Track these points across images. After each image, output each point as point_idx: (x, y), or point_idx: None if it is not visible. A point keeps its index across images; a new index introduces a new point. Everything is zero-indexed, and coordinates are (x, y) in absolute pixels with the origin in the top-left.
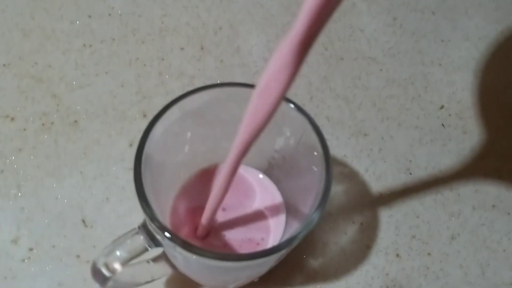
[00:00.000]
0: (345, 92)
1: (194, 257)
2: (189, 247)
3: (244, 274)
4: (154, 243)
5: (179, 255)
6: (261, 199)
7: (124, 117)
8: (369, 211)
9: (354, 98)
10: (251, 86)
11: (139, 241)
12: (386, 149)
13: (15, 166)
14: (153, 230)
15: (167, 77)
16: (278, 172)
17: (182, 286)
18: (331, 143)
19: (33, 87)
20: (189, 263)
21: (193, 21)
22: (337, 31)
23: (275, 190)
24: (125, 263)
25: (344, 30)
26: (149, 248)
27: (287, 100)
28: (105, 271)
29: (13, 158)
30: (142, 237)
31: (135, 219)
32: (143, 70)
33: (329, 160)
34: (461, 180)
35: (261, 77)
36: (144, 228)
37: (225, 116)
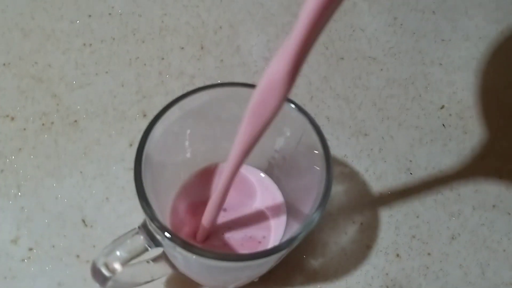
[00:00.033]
0: (345, 92)
1: (194, 257)
2: (189, 247)
3: (244, 274)
4: (154, 243)
5: (179, 255)
6: (262, 198)
7: (124, 117)
8: (369, 211)
9: (354, 98)
10: (252, 86)
11: (139, 241)
12: (386, 149)
13: (15, 166)
14: (153, 230)
15: (167, 76)
16: (278, 172)
17: (182, 286)
18: (331, 143)
19: (33, 87)
20: (189, 263)
21: (193, 21)
22: (337, 31)
23: (276, 189)
24: (125, 263)
25: (345, 29)
26: (149, 248)
27: (287, 100)
28: (105, 271)
29: (13, 157)
30: (142, 237)
31: (135, 219)
32: (143, 70)
33: (329, 160)
34: (461, 180)
35: (256, 91)
36: (144, 228)
37: (225, 116)
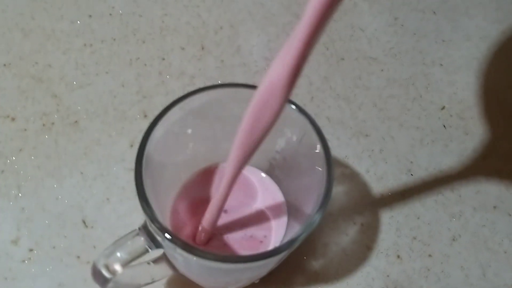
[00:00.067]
0: (346, 92)
1: (195, 259)
2: (189, 248)
3: (245, 275)
4: (155, 244)
5: (179, 256)
6: (263, 199)
7: (124, 117)
8: (370, 212)
9: (355, 98)
10: (252, 87)
11: (140, 242)
12: (387, 150)
13: (15, 166)
14: (153, 231)
15: (168, 77)
16: (279, 173)
17: (182, 287)
18: (332, 143)
19: (33, 87)
20: (189, 264)
21: (194, 21)
22: (338, 31)
23: (277, 190)
24: (125, 264)
25: (345, 29)
26: (149, 250)
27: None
28: (105, 273)
29: (14, 158)
30: (142, 238)
31: (135, 219)
32: (143, 70)
33: (330, 161)
34: (462, 181)
35: (257, 95)
36: (144, 229)
37: (226, 117)
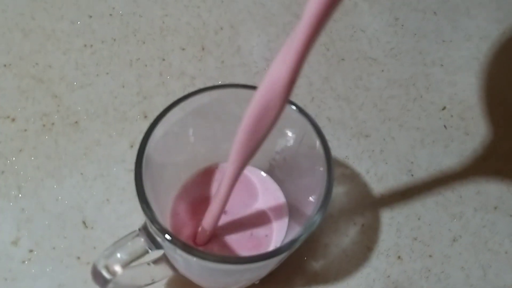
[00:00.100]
0: (346, 92)
1: (195, 260)
2: (189, 249)
3: (245, 276)
4: (155, 245)
5: (179, 257)
6: (264, 199)
7: (125, 118)
8: (370, 213)
9: (355, 98)
10: (252, 87)
11: (140, 243)
12: (387, 150)
13: (15, 167)
14: (153, 232)
15: (168, 77)
16: (279, 173)
17: None
18: (332, 144)
19: (33, 87)
20: (189, 265)
21: (194, 21)
22: (338, 31)
23: (277, 190)
24: (125, 265)
25: (346, 30)
26: (149, 251)
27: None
28: (105, 273)
29: (14, 158)
30: (142, 239)
31: (135, 220)
32: (144, 71)
33: (330, 162)
34: (463, 181)
35: (256, 96)
36: (144, 230)
37: (226, 117)
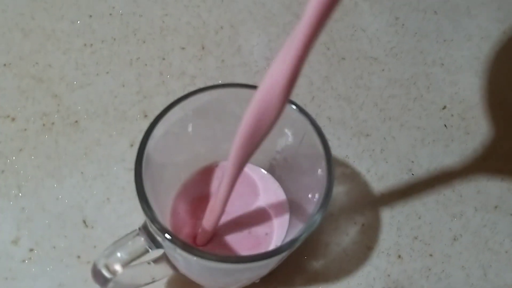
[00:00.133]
0: (346, 92)
1: (195, 259)
2: (189, 249)
3: (245, 276)
4: (155, 244)
5: (179, 256)
6: (265, 197)
7: (125, 117)
8: (370, 212)
9: (356, 98)
10: (253, 87)
11: (140, 242)
12: (388, 150)
13: (15, 166)
14: (153, 231)
15: (168, 77)
16: (280, 173)
17: (183, 287)
18: (332, 143)
19: (33, 87)
20: (190, 264)
21: (194, 21)
22: (339, 31)
23: (278, 188)
24: (125, 264)
25: (346, 29)
26: (149, 250)
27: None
28: (105, 273)
29: (14, 158)
30: (142, 238)
31: (135, 219)
32: (144, 70)
33: (331, 161)
34: (463, 181)
35: (256, 96)
36: (144, 230)
37: (227, 117)
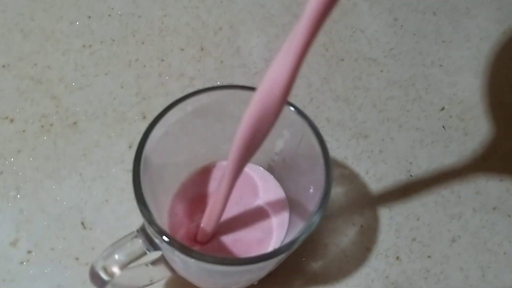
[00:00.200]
0: (345, 93)
1: (193, 261)
2: (187, 251)
3: (244, 277)
4: (153, 246)
5: (177, 258)
6: (264, 198)
7: (123, 119)
8: (369, 213)
9: (354, 99)
10: (251, 89)
11: (138, 244)
12: (386, 151)
13: (14, 168)
14: (151, 233)
15: (167, 78)
16: (279, 174)
17: None
18: (331, 145)
19: (32, 88)
20: (188, 266)
21: (193, 22)
22: (337, 32)
23: (278, 188)
24: (123, 266)
25: (345, 30)
26: (147, 252)
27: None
28: (103, 275)
29: (12, 159)
30: (140, 240)
31: (134, 220)
32: (143, 71)
33: (329, 163)
34: (462, 182)
35: (255, 98)
36: (142, 232)
37: (226, 118)
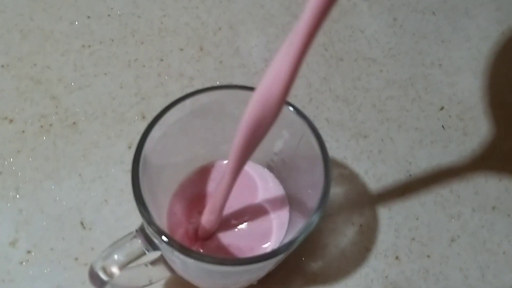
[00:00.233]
0: (345, 93)
1: (192, 261)
2: (186, 251)
3: (243, 278)
4: (152, 246)
5: (177, 259)
6: (264, 197)
7: (123, 119)
8: (368, 213)
9: (354, 99)
10: (251, 89)
11: (137, 244)
12: (386, 151)
13: (13, 168)
14: (150, 234)
15: (166, 78)
16: (278, 174)
17: None
18: (330, 145)
19: (31, 88)
20: (187, 266)
21: (193, 22)
22: (337, 32)
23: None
24: (123, 266)
25: (345, 30)
26: (147, 252)
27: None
28: (102, 275)
29: (12, 160)
30: (140, 240)
31: (133, 221)
32: (142, 71)
33: (328, 163)
34: (461, 181)
35: (255, 96)
36: (142, 232)
37: (225, 118)
